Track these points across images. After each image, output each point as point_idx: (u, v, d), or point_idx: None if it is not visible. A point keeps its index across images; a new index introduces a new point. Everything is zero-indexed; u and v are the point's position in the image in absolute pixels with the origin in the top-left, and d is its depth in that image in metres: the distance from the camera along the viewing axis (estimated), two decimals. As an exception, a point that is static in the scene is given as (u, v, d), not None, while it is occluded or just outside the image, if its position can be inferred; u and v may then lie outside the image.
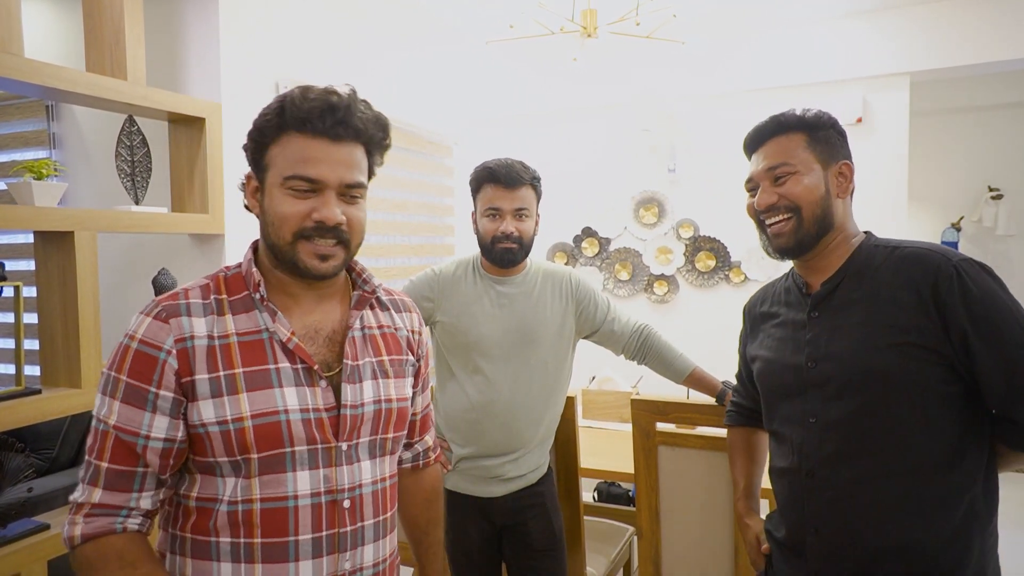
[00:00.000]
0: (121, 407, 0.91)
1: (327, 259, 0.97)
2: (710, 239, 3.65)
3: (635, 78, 3.70)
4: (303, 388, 0.96)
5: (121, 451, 0.90)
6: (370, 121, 0.99)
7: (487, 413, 1.73)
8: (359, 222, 1.00)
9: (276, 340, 0.96)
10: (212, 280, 1.00)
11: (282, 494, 0.93)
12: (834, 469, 1.16)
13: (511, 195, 1.73)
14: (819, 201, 1.20)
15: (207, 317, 0.95)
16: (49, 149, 2.65)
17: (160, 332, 0.92)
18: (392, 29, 3.19)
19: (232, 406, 0.91)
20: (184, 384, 0.92)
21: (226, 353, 0.93)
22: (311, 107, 0.94)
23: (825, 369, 1.17)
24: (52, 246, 1.89)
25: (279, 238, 0.96)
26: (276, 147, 0.96)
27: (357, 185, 0.99)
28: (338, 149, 0.96)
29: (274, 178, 0.96)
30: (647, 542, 1.94)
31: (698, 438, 1.86)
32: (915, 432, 1.10)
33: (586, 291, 1.86)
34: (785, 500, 1.27)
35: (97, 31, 2.07)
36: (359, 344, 1.04)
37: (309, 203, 0.95)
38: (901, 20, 3.25)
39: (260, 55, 2.46)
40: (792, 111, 1.28)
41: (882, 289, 1.14)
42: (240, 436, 0.91)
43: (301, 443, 0.94)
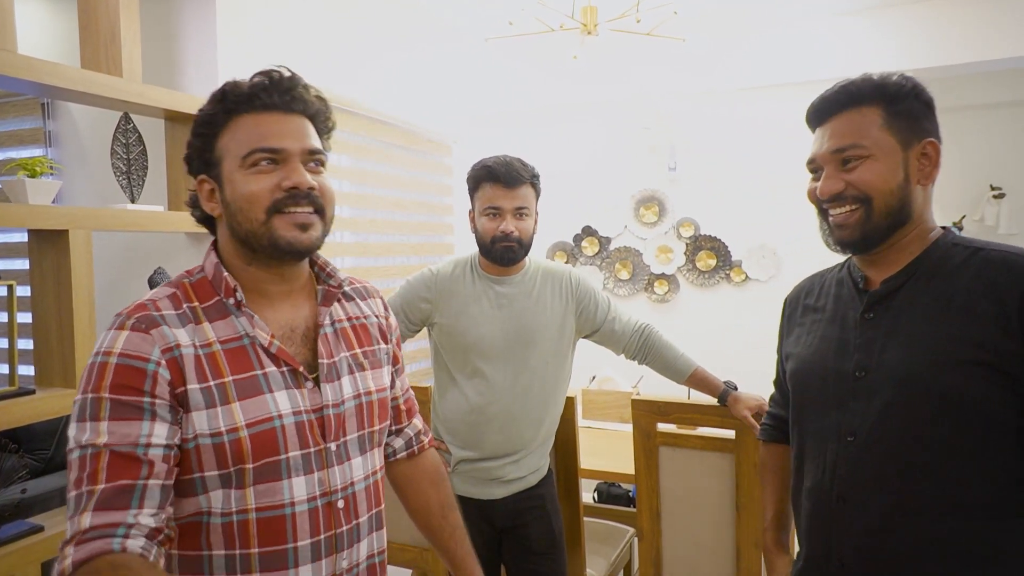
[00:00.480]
0: (110, 425, 0.82)
1: (307, 228, 0.93)
2: (711, 238, 3.63)
3: (635, 76, 3.68)
4: (292, 391, 0.93)
5: (118, 466, 0.81)
6: (315, 97, 0.98)
7: (487, 415, 1.71)
8: (329, 190, 0.96)
9: (258, 344, 0.93)
10: (178, 288, 0.94)
11: (279, 502, 0.90)
12: (871, 496, 1.01)
13: (511, 194, 1.71)
14: (895, 191, 1.02)
15: (186, 327, 0.90)
16: (45, 147, 2.63)
17: (143, 344, 0.86)
18: (391, 27, 3.17)
19: (225, 416, 0.87)
20: (178, 395, 0.87)
21: (213, 362, 0.89)
22: (255, 84, 0.93)
23: (874, 380, 1.02)
24: (46, 244, 1.87)
25: (251, 220, 0.91)
26: (226, 135, 0.93)
27: (320, 151, 0.96)
28: (291, 119, 0.94)
29: (232, 164, 0.92)
30: (648, 543, 1.92)
31: (699, 439, 1.84)
32: (972, 467, 0.95)
33: (586, 290, 1.84)
34: (809, 524, 1.12)
35: (92, 27, 2.05)
36: (332, 340, 1.01)
37: (275, 175, 0.91)
38: (902, 18, 3.23)
39: (258, 53, 2.44)
40: (868, 77, 1.05)
41: (957, 295, 0.98)
42: (236, 447, 0.87)
43: (295, 448, 0.92)
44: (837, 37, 3.34)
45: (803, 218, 3.49)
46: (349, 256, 3.00)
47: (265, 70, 0.95)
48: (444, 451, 1.79)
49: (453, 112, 3.69)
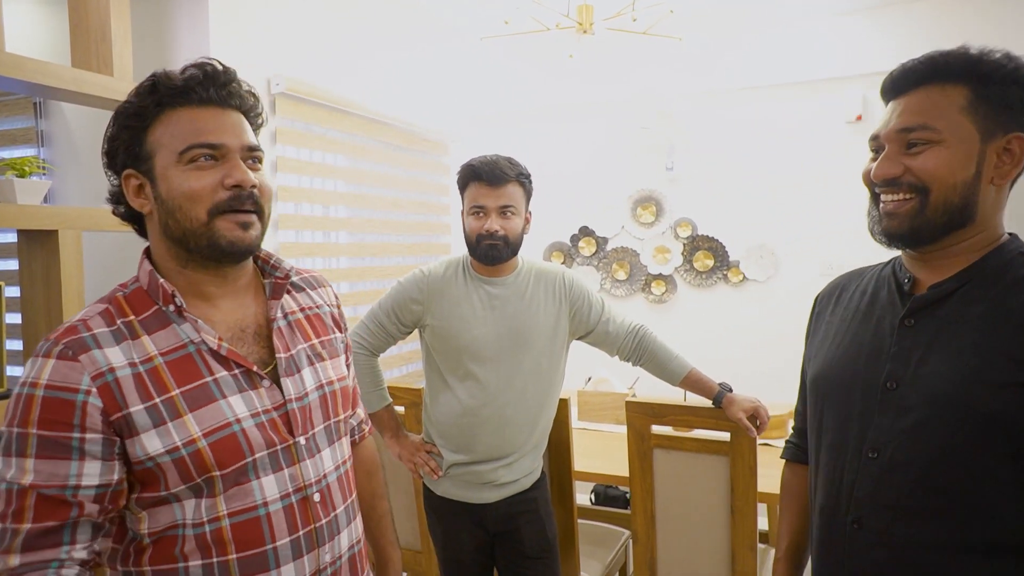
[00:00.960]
0: (37, 463, 0.79)
1: (249, 227, 0.90)
2: (708, 238, 3.61)
3: (632, 76, 3.66)
4: (247, 393, 0.91)
5: (46, 508, 0.79)
6: (248, 93, 0.96)
7: (479, 418, 1.69)
8: (268, 188, 0.94)
9: (204, 350, 0.89)
10: (110, 303, 0.89)
11: (251, 504, 0.88)
12: (891, 524, 0.91)
13: (495, 192, 1.69)
14: (959, 186, 0.90)
15: (121, 344, 0.85)
16: (38, 147, 2.62)
17: (71, 373, 0.81)
18: (387, 26, 3.15)
19: (179, 431, 0.84)
20: (115, 422, 0.82)
21: (155, 377, 0.85)
22: (189, 76, 0.90)
23: (907, 394, 0.92)
24: (36, 245, 1.85)
25: (191, 220, 0.88)
26: (159, 128, 0.89)
27: (258, 148, 0.94)
28: (229, 115, 0.92)
29: (166, 160, 0.88)
30: (642, 546, 1.91)
31: (694, 441, 1.83)
32: (1014, 500, 0.85)
33: (580, 291, 1.82)
34: (819, 547, 1.03)
35: (83, 26, 2.04)
36: (287, 334, 0.99)
37: (217, 172, 0.89)
38: (901, 17, 3.21)
39: (251, 52, 2.43)
40: (963, 50, 0.91)
41: (1017, 311, 0.87)
42: (197, 459, 0.84)
43: (261, 449, 0.89)
44: (836, 37, 3.32)
45: (801, 218, 3.49)
46: (344, 256, 2.99)
47: (197, 62, 0.91)
48: (436, 455, 1.77)
49: (450, 111, 3.67)
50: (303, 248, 2.70)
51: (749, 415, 1.70)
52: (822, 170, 3.36)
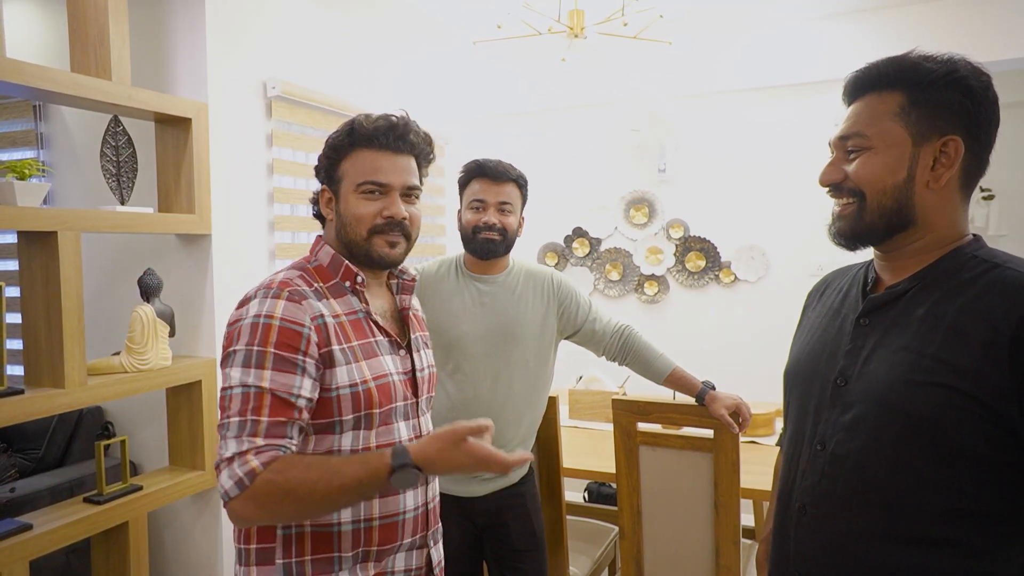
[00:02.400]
0: (273, 374, 1.04)
1: (395, 246, 1.17)
2: (700, 239, 3.65)
3: (624, 79, 3.71)
4: (395, 356, 1.18)
5: (279, 406, 1.03)
6: (421, 138, 1.21)
7: (467, 411, 1.74)
8: (417, 219, 1.21)
9: (371, 319, 1.17)
10: (304, 272, 1.16)
11: (391, 440, 1.13)
12: (830, 513, 0.96)
13: (496, 188, 1.77)
14: (890, 189, 0.93)
15: (321, 301, 1.12)
16: (37, 149, 2.66)
17: (299, 312, 1.07)
18: (381, 29, 3.19)
19: (358, 372, 1.10)
20: (323, 354, 1.07)
21: (342, 329, 1.11)
22: (376, 126, 1.16)
23: (852, 391, 0.95)
24: (35, 246, 1.89)
25: (356, 235, 1.16)
26: (348, 161, 1.17)
27: (415, 188, 1.19)
28: (399, 159, 1.17)
29: (348, 186, 1.16)
30: (629, 542, 1.95)
31: (679, 438, 1.87)
32: (936, 498, 0.87)
33: (568, 291, 1.87)
34: (776, 530, 1.08)
35: (81, 31, 2.07)
36: (413, 321, 1.26)
37: (379, 203, 1.15)
38: (890, 21, 3.25)
39: (247, 55, 2.47)
40: (903, 57, 0.94)
41: (950, 312, 0.89)
42: (367, 395, 1.10)
43: (401, 399, 1.16)
44: (824, 40, 3.36)
45: (792, 219, 3.53)
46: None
47: (387, 114, 1.19)
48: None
49: (445, 114, 3.71)
50: (299, 249, 2.74)
51: (731, 412, 1.75)
52: (811, 172, 3.34)
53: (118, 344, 2.18)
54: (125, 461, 2.07)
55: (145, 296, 2.15)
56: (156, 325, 2.11)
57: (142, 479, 2.18)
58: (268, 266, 2.57)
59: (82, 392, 1.91)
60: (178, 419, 2.29)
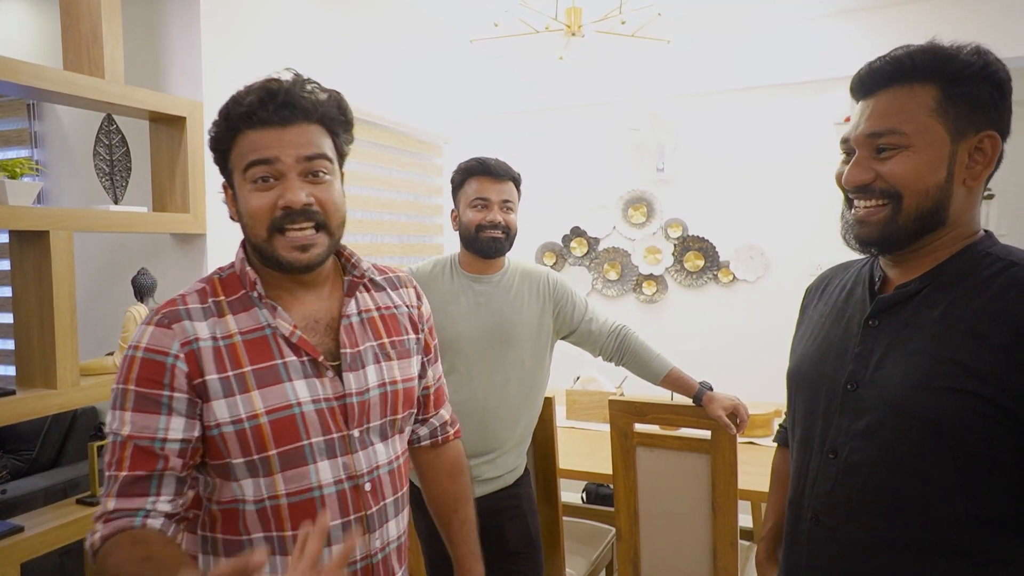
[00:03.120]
0: (133, 416, 0.91)
1: (307, 248, 0.95)
2: (699, 239, 3.64)
3: (622, 77, 3.69)
4: (312, 380, 0.97)
5: (139, 457, 0.90)
6: (321, 99, 1.00)
7: (462, 413, 1.71)
8: (331, 201, 0.97)
9: (279, 335, 0.97)
10: (207, 283, 1.00)
11: (306, 486, 0.95)
12: (844, 522, 0.92)
13: (499, 186, 1.76)
14: (931, 191, 0.87)
15: (208, 320, 0.96)
16: (31, 148, 2.65)
17: (164, 338, 0.92)
18: (378, 26, 3.17)
19: (245, 404, 0.92)
20: (196, 386, 0.92)
21: (232, 352, 0.94)
22: (251, 101, 0.95)
23: (864, 396, 0.91)
24: (28, 245, 1.88)
25: (256, 236, 0.96)
26: (234, 150, 0.97)
27: (317, 158, 0.96)
28: (288, 131, 0.95)
29: (239, 177, 0.97)
30: (626, 543, 1.93)
31: (676, 439, 1.85)
32: (957, 507, 0.84)
33: (564, 291, 1.85)
34: (787, 537, 1.04)
35: (74, 29, 2.06)
36: (357, 330, 1.04)
37: (274, 192, 0.95)
38: (891, 19, 3.24)
39: (243, 53, 2.45)
40: (931, 46, 0.88)
41: (968, 314, 0.85)
42: (256, 433, 0.92)
43: (317, 434, 0.96)
44: (823, 39, 3.34)
45: (791, 219, 3.51)
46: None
47: (264, 81, 0.98)
48: None
49: (443, 113, 3.70)
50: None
51: (729, 413, 1.73)
52: (810, 171, 3.38)
53: (112, 344, 2.17)
54: (119, 462, 2.05)
55: (139, 296, 2.13)
56: (150, 325, 2.10)
57: (136, 480, 2.16)
58: (264, 266, 2.55)
59: (75, 393, 1.90)
60: (172, 420, 2.27)
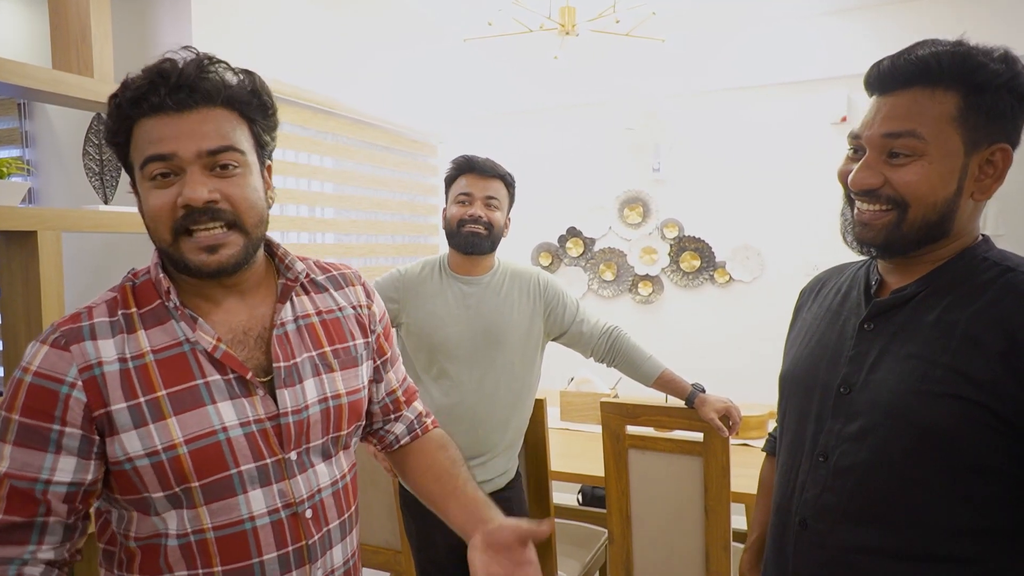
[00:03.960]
0: (14, 450, 0.78)
1: (216, 249, 0.83)
2: (695, 239, 3.62)
3: (617, 76, 3.68)
4: (239, 400, 0.85)
5: (15, 500, 0.78)
6: (227, 81, 0.86)
7: (452, 416, 1.70)
8: (242, 197, 0.85)
9: (199, 351, 0.85)
10: (119, 292, 0.87)
11: (236, 518, 0.84)
12: (833, 527, 0.91)
13: (483, 183, 1.75)
14: (939, 204, 0.85)
15: (115, 337, 0.83)
16: (22, 147, 2.62)
17: (60, 362, 0.80)
18: (371, 26, 3.16)
19: (160, 434, 0.81)
20: (97, 419, 0.80)
21: (143, 375, 0.82)
22: (141, 84, 0.82)
23: (857, 400, 0.90)
24: (15, 246, 1.86)
25: (160, 239, 0.84)
26: (132, 142, 0.85)
27: (222, 150, 0.83)
28: (186, 119, 0.82)
29: (139, 176, 0.84)
30: (618, 546, 1.92)
31: (668, 441, 1.84)
32: (950, 511, 0.83)
33: (554, 292, 1.84)
34: (772, 542, 1.03)
35: (63, 28, 2.05)
36: (293, 340, 0.92)
37: (173, 189, 0.82)
38: (887, 18, 3.22)
39: (234, 52, 2.43)
40: (959, 47, 0.84)
41: (964, 319, 0.84)
42: (176, 465, 0.81)
43: (247, 461, 0.84)
44: (820, 37, 3.33)
45: (788, 219, 3.50)
46: (331, 258, 2.99)
47: (157, 61, 0.83)
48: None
49: (437, 112, 3.68)
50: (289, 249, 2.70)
51: (721, 415, 1.72)
52: (807, 171, 3.37)
53: (101, 345, 2.15)
54: (107, 464, 2.04)
55: (129, 297, 2.12)
56: (139, 326, 2.08)
57: (126, 482, 2.15)
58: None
59: (62, 394, 1.88)
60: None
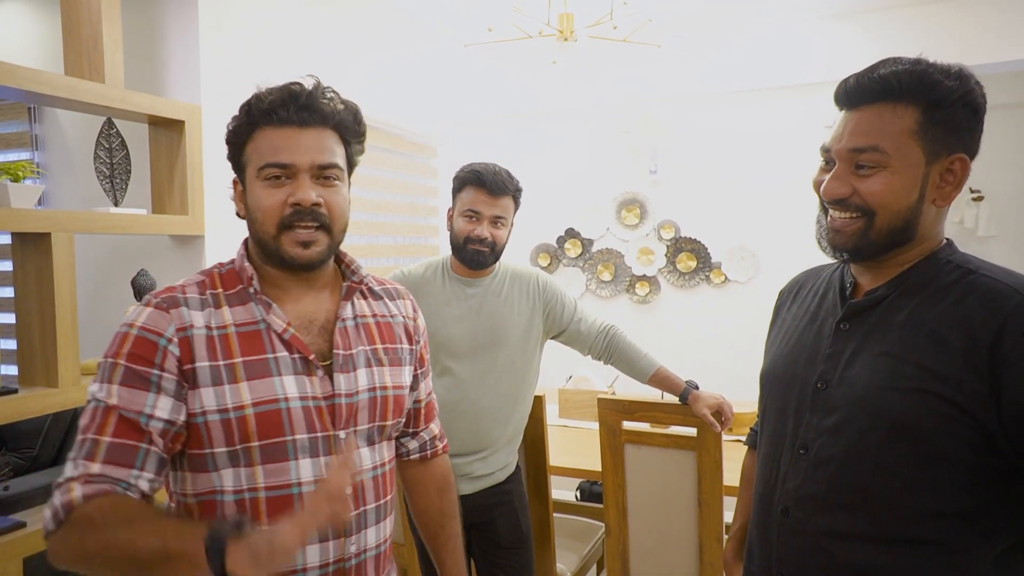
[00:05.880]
0: (121, 389, 0.91)
1: (309, 245, 0.98)
2: (691, 240, 3.68)
3: (615, 80, 3.73)
4: (301, 377, 0.97)
5: (124, 427, 0.90)
6: (338, 107, 1.02)
7: (455, 412, 1.76)
8: (337, 205, 1.01)
9: (272, 331, 0.98)
10: (207, 276, 1.02)
11: (285, 482, 0.95)
12: (812, 515, 0.97)
13: (492, 201, 1.76)
14: (902, 211, 0.92)
15: (204, 310, 0.97)
16: (32, 151, 2.68)
17: (161, 320, 0.94)
18: (374, 30, 3.21)
19: (232, 394, 0.93)
20: (185, 371, 0.93)
21: (225, 343, 0.96)
22: (273, 99, 0.98)
23: (833, 395, 0.97)
24: (29, 247, 1.91)
25: (264, 232, 0.99)
26: (250, 145, 1.00)
27: (330, 166, 1.00)
28: (305, 134, 0.98)
29: (251, 173, 1.00)
30: (615, 539, 1.98)
31: (663, 436, 1.90)
32: (918, 497, 0.90)
33: (553, 292, 1.89)
34: (755, 530, 1.09)
35: (75, 34, 2.10)
36: (351, 333, 1.05)
37: (285, 190, 0.97)
38: (883, 22, 3.28)
39: (240, 58, 2.49)
40: (916, 67, 0.91)
41: (930, 319, 0.91)
42: (241, 424, 0.93)
43: (302, 431, 0.96)
44: (819, 41, 3.39)
45: (782, 220, 3.56)
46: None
47: (287, 83, 1.01)
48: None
49: (438, 115, 3.74)
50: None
51: (714, 411, 1.78)
52: (801, 173, 3.42)
53: (111, 344, 2.21)
54: (118, 460, 2.09)
55: (139, 297, 2.17)
56: (149, 325, 2.13)
57: (135, 477, 2.20)
58: (261, 267, 2.59)
59: (76, 391, 1.93)
60: (171, 418, 2.31)
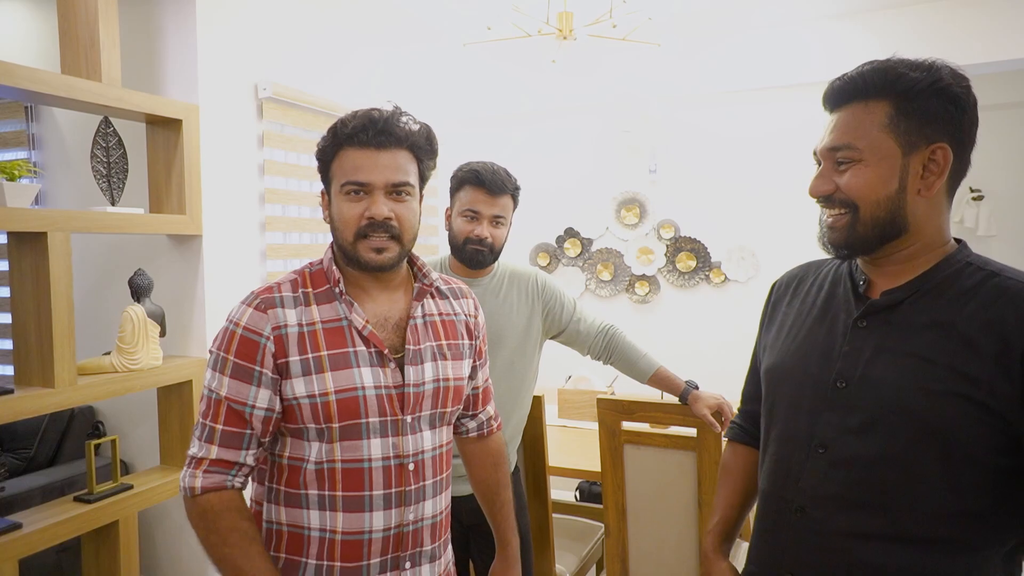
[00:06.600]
0: (230, 382, 1.08)
1: (382, 251, 1.12)
2: (691, 239, 3.68)
3: (614, 80, 3.73)
4: (376, 368, 1.12)
5: (232, 417, 1.08)
6: (413, 130, 1.16)
7: (453, 412, 1.75)
8: (407, 219, 1.15)
9: (353, 327, 1.13)
10: (299, 275, 1.17)
11: (358, 457, 1.10)
12: (831, 514, 0.97)
13: (492, 201, 1.75)
14: (883, 201, 0.95)
15: (297, 308, 1.12)
16: (29, 150, 2.67)
17: (260, 321, 1.09)
18: (372, 29, 3.20)
19: (319, 383, 1.09)
20: (280, 365, 1.09)
21: (313, 338, 1.11)
22: (355, 124, 1.13)
23: (856, 394, 0.96)
24: (25, 246, 1.90)
25: (344, 239, 1.14)
26: (335, 163, 1.15)
27: (402, 184, 1.14)
28: (382, 155, 1.12)
29: (335, 188, 1.15)
30: (614, 540, 1.97)
31: (663, 437, 1.89)
32: (943, 500, 0.91)
33: (552, 292, 1.88)
34: (762, 529, 1.08)
35: (72, 33, 2.09)
36: (420, 331, 1.20)
37: (362, 204, 1.12)
38: (883, 22, 3.27)
39: (238, 57, 2.48)
40: (886, 66, 0.95)
41: (960, 322, 0.91)
42: (325, 408, 1.08)
43: (374, 415, 1.11)
44: (818, 41, 3.38)
45: (782, 220, 3.55)
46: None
47: (368, 109, 1.14)
48: None
49: (436, 115, 3.73)
50: (290, 250, 2.75)
51: (713, 411, 1.77)
52: (801, 173, 3.41)
53: (109, 344, 2.20)
54: (115, 460, 2.08)
55: (136, 296, 2.16)
56: (147, 325, 2.13)
57: (132, 478, 2.19)
58: (259, 267, 2.58)
59: (72, 392, 1.93)
60: (169, 418, 2.30)
